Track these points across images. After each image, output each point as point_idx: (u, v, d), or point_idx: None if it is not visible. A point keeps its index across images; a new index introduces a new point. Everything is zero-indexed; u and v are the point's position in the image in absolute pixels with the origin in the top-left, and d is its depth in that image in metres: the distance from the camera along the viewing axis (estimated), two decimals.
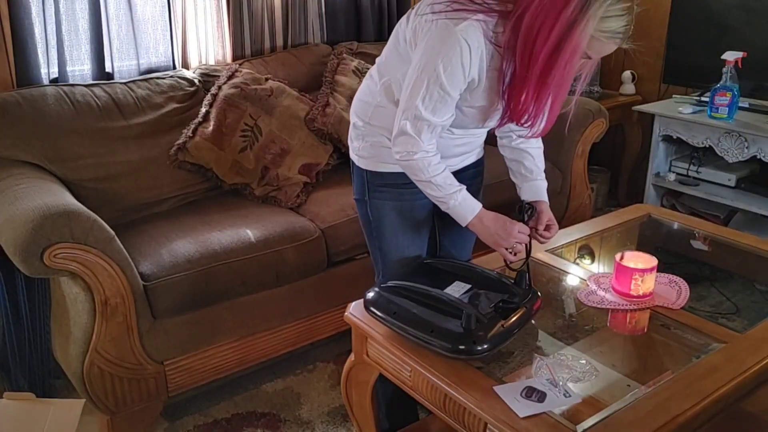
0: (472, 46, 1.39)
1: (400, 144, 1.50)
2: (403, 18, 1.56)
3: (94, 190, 2.19)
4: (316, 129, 2.51)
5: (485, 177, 1.85)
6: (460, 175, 1.74)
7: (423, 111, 1.45)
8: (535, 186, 1.73)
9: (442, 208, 1.57)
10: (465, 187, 1.56)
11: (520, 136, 1.72)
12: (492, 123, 1.60)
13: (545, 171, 1.70)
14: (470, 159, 1.76)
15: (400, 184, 1.62)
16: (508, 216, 1.60)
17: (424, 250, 1.76)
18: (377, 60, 1.66)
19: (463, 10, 1.38)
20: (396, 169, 1.61)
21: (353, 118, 1.69)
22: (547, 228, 1.66)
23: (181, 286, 1.92)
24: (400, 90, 1.53)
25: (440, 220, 1.82)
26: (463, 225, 1.57)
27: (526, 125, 1.52)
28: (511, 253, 1.59)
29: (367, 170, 1.67)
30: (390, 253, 1.72)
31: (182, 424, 2.09)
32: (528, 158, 1.73)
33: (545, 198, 1.72)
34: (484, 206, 1.59)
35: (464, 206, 1.55)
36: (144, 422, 1.98)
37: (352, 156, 1.72)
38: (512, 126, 1.69)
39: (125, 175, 2.26)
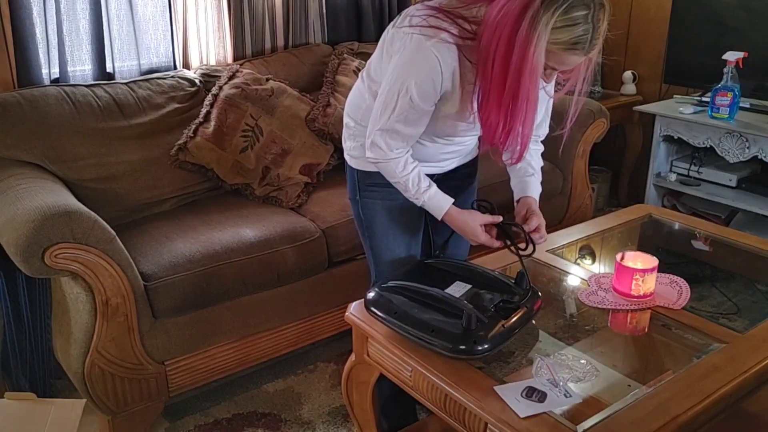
0: (443, 61, 1.40)
1: (373, 152, 1.55)
2: (390, 25, 1.56)
3: (95, 190, 2.19)
4: (316, 129, 2.51)
5: (485, 177, 1.85)
6: (451, 175, 1.76)
7: (394, 124, 1.49)
8: (523, 182, 1.73)
9: (417, 204, 1.61)
10: (434, 184, 1.59)
11: None
12: (476, 132, 1.60)
13: (546, 171, 1.69)
14: (462, 161, 1.77)
15: (389, 183, 1.63)
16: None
17: (417, 249, 1.77)
18: (368, 63, 1.67)
19: (437, 28, 1.39)
20: None
21: (346, 119, 1.71)
22: (536, 229, 1.65)
23: (182, 286, 1.93)
24: None
25: (433, 220, 1.82)
26: (439, 218, 1.61)
27: (503, 147, 1.50)
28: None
29: (357, 170, 1.70)
30: (381, 253, 1.74)
31: (183, 424, 2.09)
32: (525, 167, 1.73)
33: (532, 194, 1.72)
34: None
35: (434, 203, 1.59)
36: (145, 422, 1.98)
37: (345, 156, 1.74)
38: None
39: (126, 175, 2.26)
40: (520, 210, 1.69)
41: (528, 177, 1.72)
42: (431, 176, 1.71)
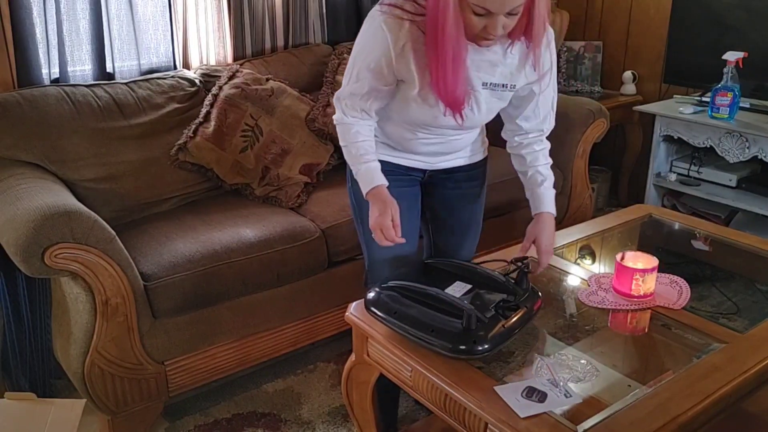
0: (391, 35, 1.44)
1: (337, 109, 1.61)
2: None
3: (94, 190, 2.19)
4: (316, 129, 2.51)
5: (486, 177, 1.83)
6: (447, 176, 1.74)
7: (350, 93, 1.56)
8: (535, 194, 1.71)
9: (354, 172, 1.61)
10: (376, 162, 1.59)
11: (518, 136, 1.71)
12: (449, 120, 1.57)
13: None
14: (456, 162, 1.74)
15: (385, 171, 1.64)
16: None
17: (411, 241, 1.72)
18: None
19: (393, 5, 1.44)
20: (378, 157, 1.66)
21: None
22: (544, 252, 1.65)
23: (182, 286, 1.92)
24: None
25: (433, 222, 1.82)
26: (364, 195, 1.59)
27: (456, 106, 1.50)
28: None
29: None
30: (371, 244, 1.70)
31: (183, 424, 2.09)
32: (525, 162, 1.71)
33: (547, 209, 1.69)
34: (486, 207, 1.58)
35: (364, 177, 1.58)
36: (145, 422, 1.98)
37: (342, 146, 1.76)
38: (509, 125, 1.70)
39: (126, 175, 2.26)
40: (530, 235, 1.67)
41: (540, 187, 1.70)
42: (422, 171, 1.72)
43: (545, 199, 1.69)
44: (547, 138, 1.74)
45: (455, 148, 1.71)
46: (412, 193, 1.73)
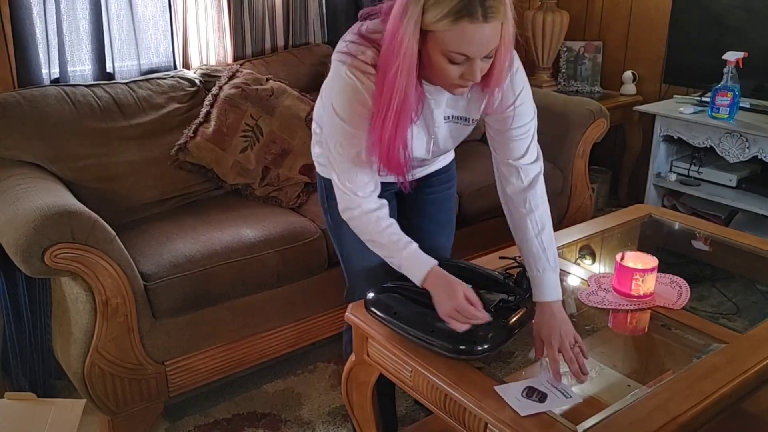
0: (360, 83, 1.32)
1: (341, 201, 1.44)
2: None
3: (95, 190, 2.19)
4: None
5: (486, 177, 1.82)
6: (427, 181, 1.72)
7: (344, 160, 1.39)
8: (537, 279, 1.47)
9: (393, 265, 1.45)
10: (414, 242, 1.42)
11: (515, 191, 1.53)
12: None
13: (546, 173, 1.56)
14: (429, 169, 1.71)
15: None
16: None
17: None
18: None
19: (354, 53, 1.33)
20: None
21: (314, 125, 1.68)
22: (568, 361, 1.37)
23: (182, 286, 1.92)
24: None
25: (409, 229, 1.72)
26: (418, 284, 1.41)
27: (399, 171, 1.39)
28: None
29: (324, 177, 1.65)
30: (352, 259, 1.68)
31: (183, 424, 2.09)
32: (527, 227, 1.50)
33: (552, 297, 1.44)
34: (478, 207, 1.52)
35: (411, 263, 1.41)
36: (145, 422, 1.98)
37: (314, 162, 1.71)
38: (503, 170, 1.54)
39: (126, 176, 2.26)
40: (539, 329, 1.42)
41: (546, 272, 1.46)
42: (392, 183, 1.57)
43: (550, 284, 1.46)
44: (547, 139, 1.71)
45: (430, 165, 1.70)
46: (388, 200, 1.63)
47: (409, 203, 1.75)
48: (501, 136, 1.49)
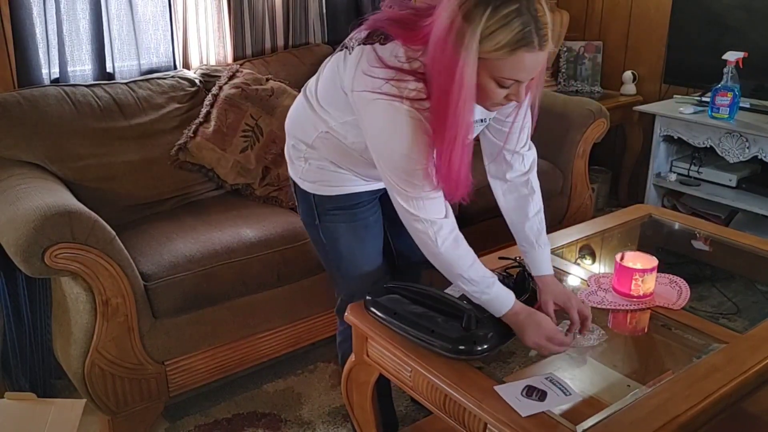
0: (422, 116, 1.31)
1: (420, 236, 1.40)
2: (338, 58, 1.45)
3: (95, 190, 2.19)
4: None
5: (481, 179, 1.81)
6: None
7: (415, 191, 1.36)
8: (540, 255, 1.57)
9: (475, 299, 1.44)
10: (497, 278, 1.44)
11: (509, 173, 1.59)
12: None
13: (546, 172, 1.61)
14: None
15: (353, 204, 1.57)
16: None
17: (380, 259, 1.69)
18: (313, 85, 1.56)
19: (400, 80, 1.30)
20: (348, 190, 1.57)
21: (290, 138, 1.62)
22: (582, 320, 1.49)
23: (182, 286, 1.93)
24: (345, 135, 1.48)
25: (391, 227, 1.73)
26: (498, 316, 1.43)
27: (446, 189, 1.38)
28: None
29: (314, 194, 1.60)
30: (350, 272, 1.66)
31: (183, 424, 2.09)
32: (529, 206, 1.59)
33: (550, 271, 1.57)
34: (478, 207, 1.54)
35: (498, 299, 1.41)
36: (145, 422, 1.98)
37: (294, 177, 1.64)
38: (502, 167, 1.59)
39: (126, 175, 2.26)
40: (552, 299, 1.51)
41: (544, 248, 1.58)
42: (383, 189, 1.58)
43: (548, 260, 1.59)
44: (547, 139, 1.73)
45: None
46: (377, 214, 1.66)
47: (388, 202, 1.73)
48: (509, 128, 1.53)
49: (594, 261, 1.98)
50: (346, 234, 1.62)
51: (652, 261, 1.63)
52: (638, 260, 1.64)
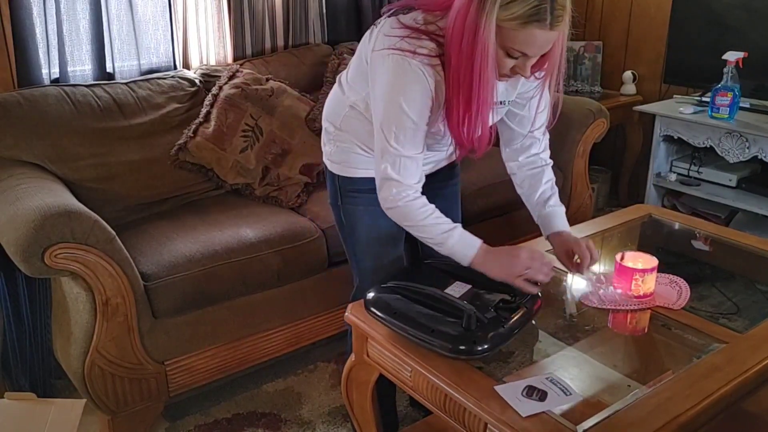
0: (429, 77, 1.39)
1: (386, 189, 1.48)
2: (366, 35, 1.53)
3: (95, 190, 2.19)
4: (316, 129, 2.51)
5: (487, 176, 1.84)
6: (434, 177, 1.72)
7: (401, 149, 1.44)
8: (555, 213, 1.71)
9: (440, 251, 1.51)
10: (460, 225, 1.50)
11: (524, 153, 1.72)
12: (449, 143, 1.58)
13: None
14: (441, 164, 1.74)
15: (372, 189, 1.59)
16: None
17: (400, 253, 1.73)
18: (345, 71, 1.65)
19: (415, 50, 1.38)
20: (368, 174, 1.61)
21: (325, 123, 1.69)
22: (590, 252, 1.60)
23: (182, 286, 1.93)
24: (366, 108, 1.54)
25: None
26: (465, 264, 1.50)
27: (469, 143, 1.48)
28: (532, 282, 1.49)
29: (338, 175, 1.67)
30: (365, 259, 1.71)
31: (183, 424, 2.09)
32: (536, 181, 1.71)
33: (566, 228, 1.69)
34: (482, 206, 1.57)
35: (462, 244, 1.49)
36: (145, 422, 1.98)
37: (325, 160, 1.71)
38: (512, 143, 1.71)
39: (126, 175, 2.26)
40: (564, 249, 1.63)
41: (559, 206, 1.71)
42: None
43: (563, 217, 1.72)
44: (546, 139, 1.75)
45: (443, 156, 1.71)
46: None
47: None
48: (529, 112, 1.64)
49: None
50: (364, 217, 1.66)
51: (652, 261, 1.63)
52: (638, 260, 1.64)
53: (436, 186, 1.74)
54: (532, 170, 1.72)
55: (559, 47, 1.39)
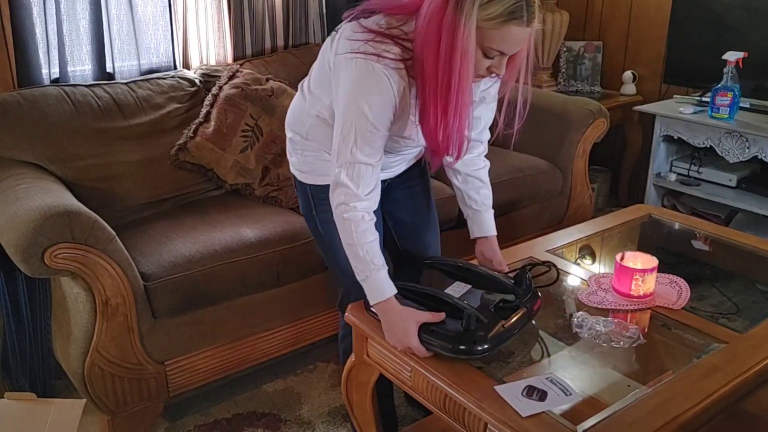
0: (393, 81, 1.36)
1: (337, 196, 1.44)
2: (328, 41, 1.51)
3: (94, 190, 2.19)
4: None
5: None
6: (405, 175, 1.74)
7: (358, 155, 1.40)
8: (485, 218, 1.77)
9: (358, 279, 1.47)
10: (386, 268, 1.46)
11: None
12: (420, 143, 1.56)
13: (546, 171, 1.67)
14: (411, 162, 1.74)
15: None
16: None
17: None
18: (306, 78, 1.63)
19: (379, 53, 1.35)
20: None
21: (289, 132, 1.67)
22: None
23: (182, 286, 1.93)
24: (332, 115, 1.50)
25: (396, 227, 1.80)
26: (370, 305, 1.48)
27: (445, 150, 1.45)
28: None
29: (309, 184, 1.64)
30: (348, 265, 1.64)
31: (183, 424, 2.10)
32: (476, 183, 1.76)
33: (493, 232, 1.76)
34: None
35: (378, 287, 1.44)
36: (145, 422, 1.98)
37: (293, 171, 1.69)
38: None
39: (126, 175, 2.26)
40: (483, 256, 1.74)
41: (488, 212, 1.77)
42: (383, 181, 1.61)
43: (491, 222, 1.78)
44: (547, 139, 1.75)
45: (413, 155, 1.71)
46: (378, 209, 1.69)
47: (391, 201, 1.75)
48: (483, 113, 1.64)
49: (594, 261, 1.98)
50: None
51: (652, 261, 1.63)
52: (638, 260, 1.64)
53: (406, 185, 1.76)
54: (474, 171, 1.74)
55: (530, 42, 1.38)
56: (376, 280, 1.44)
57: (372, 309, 1.50)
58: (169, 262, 1.94)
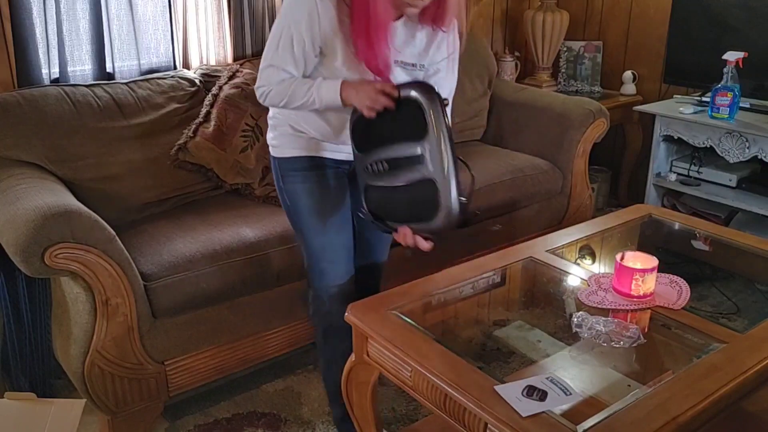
0: (320, 3, 1.50)
1: (259, 90, 1.61)
2: None
3: (94, 190, 2.19)
4: None
5: (486, 177, 1.84)
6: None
7: (278, 60, 1.56)
8: None
9: (317, 106, 1.59)
10: (319, 78, 1.59)
11: None
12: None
13: (546, 171, 1.65)
14: None
15: (307, 167, 1.70)
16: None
17: (346, 232, 1.79)
18: None
19: None
20: (301, 153, 1.71)
21: (271, 111, 1.78)
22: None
23: (182, 286, 1.93)
24: None
25: (359, 224, 1.83)
26: (341, 104, 1.57)
27: (375, 70, 1.56)
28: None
29: (277, 157, 1.76)
30: (310, 237, 1.76)
31: (183, 424, 2.09)
32: None
33: None
34: (486, 207, 1.57)
35: (329, 88, 1.57)
36: (144, 422, 1.98)
37: (270, 149, 1.80)
38: None
39: (126, 175, 2.26)
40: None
41: None
42: (348, 163, 1.74)
43: None
44: (547, 138, 1.75)
45: None
46: (341, 186, 1.77)
47: (357, 188, 1.77)
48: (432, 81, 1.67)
49: (594, 261, 1.98)
50: (303, 196, 1.74)
51: (652, 261, 1.63)
52: (638, 260, 1.64)
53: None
54: None
55: None
56: (322, 84, 1.57)
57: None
58: (169, 262, 1.94)
